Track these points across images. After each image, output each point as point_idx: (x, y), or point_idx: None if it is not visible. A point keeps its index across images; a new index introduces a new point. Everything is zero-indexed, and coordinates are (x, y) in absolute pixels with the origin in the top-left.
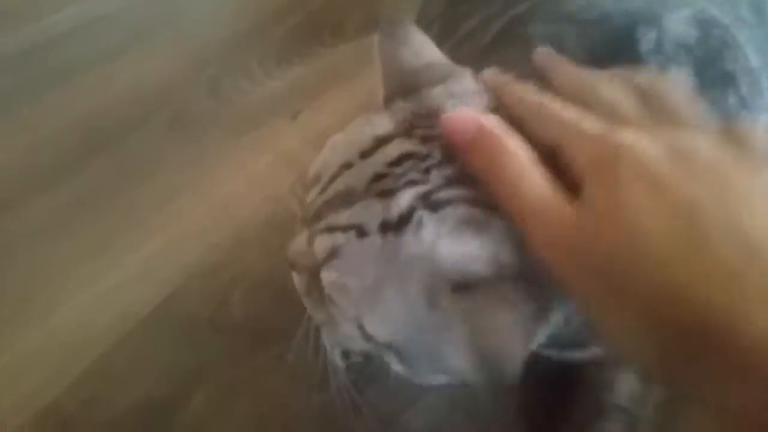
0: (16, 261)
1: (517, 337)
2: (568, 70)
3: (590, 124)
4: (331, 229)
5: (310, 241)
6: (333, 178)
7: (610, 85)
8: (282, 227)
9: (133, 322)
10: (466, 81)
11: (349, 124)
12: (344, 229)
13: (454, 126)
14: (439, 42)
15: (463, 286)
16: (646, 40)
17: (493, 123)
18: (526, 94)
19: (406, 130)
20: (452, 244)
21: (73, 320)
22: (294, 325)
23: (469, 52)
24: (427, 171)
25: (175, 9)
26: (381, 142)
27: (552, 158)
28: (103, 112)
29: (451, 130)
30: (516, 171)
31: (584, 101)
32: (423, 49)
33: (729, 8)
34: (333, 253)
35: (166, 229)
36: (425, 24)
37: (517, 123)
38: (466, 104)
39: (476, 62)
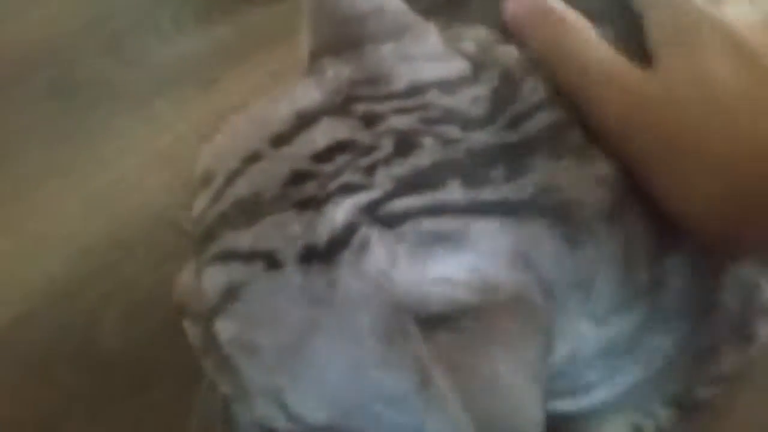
0: None
1: (526, 383)
2: None
3: None
4: (226, 257)
5: (198, 275)
6: (231, 179)
7: None
8: (177, 227)
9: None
10: (430, 39)
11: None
12: (247, 257)
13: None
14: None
15: (438, 321)
16: None
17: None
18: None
19: (341, 105)
20: (416, 268)
21: None
22: (184, 362)
23: None
24: (371, 170)
25: None
26: (303, 122)
27: None
28: None
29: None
30: (585, 43)
31: None
32: None
33: None
34: (231, 294)
35: (22, 226)
36: None
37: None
38: (426, 72)
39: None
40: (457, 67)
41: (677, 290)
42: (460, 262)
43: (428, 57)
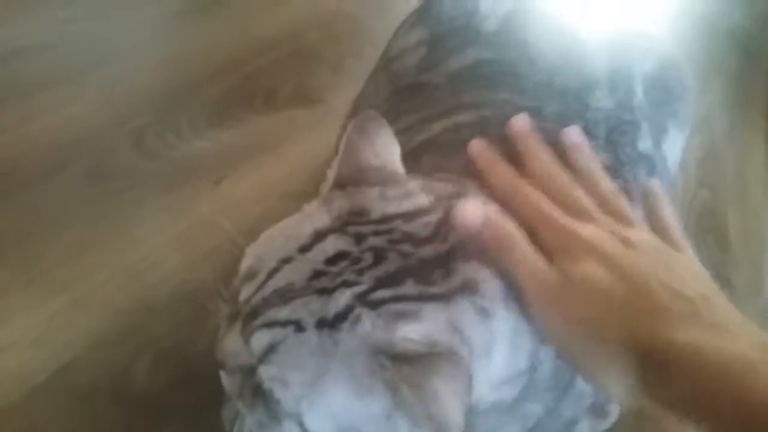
0: None
1: (455, 401)
2: (540, 157)
3: (559, 216)
4: (270, 325)
5: (247, 338)
6: (271, 274)
7: (573, 184)
8: (194, 297)
9: (27, 388)
10: (403, 187)
11: (285, 219)
12: (283, 324)
13: (464, 219)
14: None
15: (402, 359)
16: None
17: (496, 214)
18: (508, 177)
19: (341, 226)
20: (388, 333)
21: None
22: (200, 404)
23: (403, 145)
24: (360, 272)
25: (107, 51)
26: (318, 237)
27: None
28: (16, 153)
29: (462, 221)
30: (517, 249)
31: (553, 190)
32: (384, 151)
33: (629, 169)
34: (272, 348)
35: (71, 288)
36: (365, 107)
37: (500, 197)
38: (394, 208)
39: (409, 156)
40: (418, 202)
41: (547, 372)
42: (414, 329)
43: (401, 197)
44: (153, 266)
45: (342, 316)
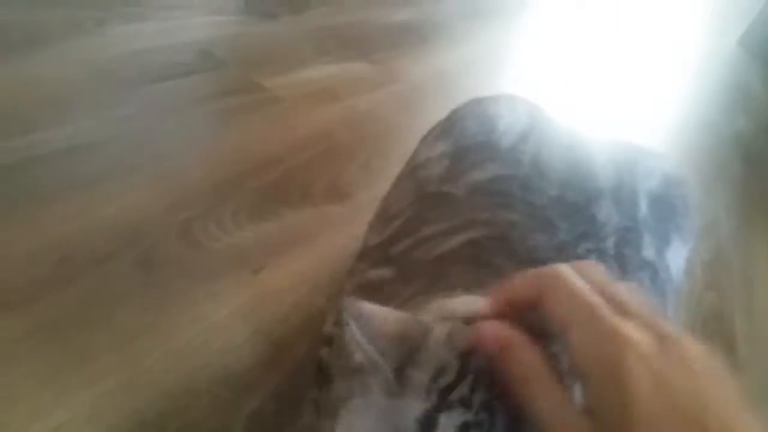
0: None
1: None
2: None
3: None
4: None
5: None
6: None
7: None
8: (233, 382)
9: None
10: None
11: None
12: None
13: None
14: (398, 237)
15: None
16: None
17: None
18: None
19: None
20: None
21: None
22: None
23: (426, 254)
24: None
25: (160, 150)
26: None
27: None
28: (75, 240)
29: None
30: (539, 386)
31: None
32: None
33: (633, 276)
34: None
35: (120, 371)
36: (389, 216)
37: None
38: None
39: (431, 266)
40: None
41: None
42: None
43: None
44: (196, 351)
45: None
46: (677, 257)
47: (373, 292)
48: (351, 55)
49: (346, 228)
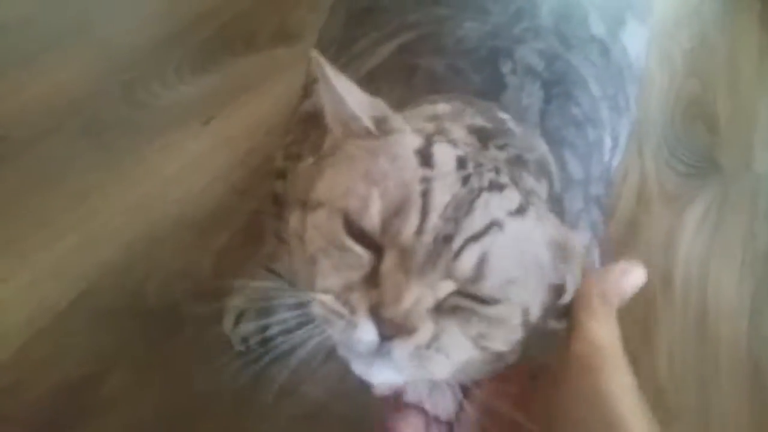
0: None
1: None
2: None
3: None
4: (475, 238)
5: (450, 265)
6: (426, 196)
7: None
8: (196, 225)
9: (51, 314)
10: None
11: (347, 163)
12: (485, 231)
13: None
14: (335, 59)
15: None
16: (505, 66)
17: None
18: None
19: (433, 139)
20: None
21: None
22: (208, 316)
23: (356, 71)
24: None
25: (88, 17)
26: (424, 153)
27: None
28: (14, 119)
29: None
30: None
31: None
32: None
33: (579, 51)
34: (483, 259)
35: (79, 229)
36: (325, 45)
37: None
38: None
39: (362, 83)
40: None
41: None
42: None
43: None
44: (153, 202)
45: (523, 207)
46: (635, 39)
47: (315, 119)
48: None
49: (296, 68)
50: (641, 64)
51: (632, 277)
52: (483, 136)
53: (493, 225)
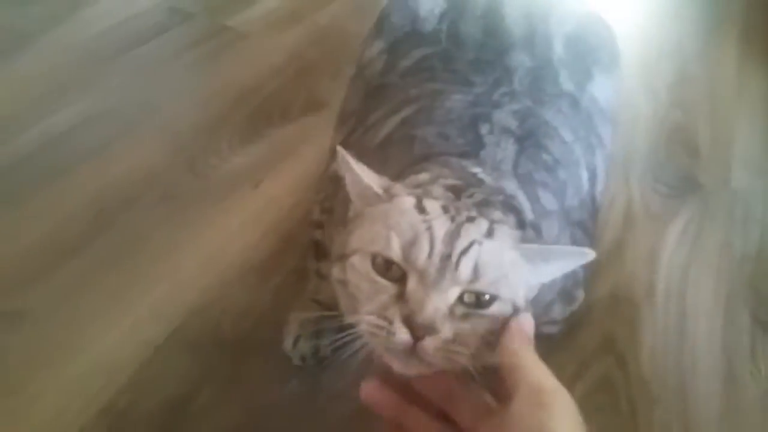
0: (59, 313)
1: None
2: None
3: None
4: (466, 250)
5: (453, 273)
6: (430, 227)
7: None
8: (257, 269)
9: (152, 348)
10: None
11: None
12: (478, 240)
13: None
14: (354, 129)
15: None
16: (484, 128)
17: None
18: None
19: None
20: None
21: (108, 352)
22: (270, 340)
23: (372, 139)
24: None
25: (153, 105)
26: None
27: None
28: (105, 195)
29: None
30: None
31: None
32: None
33: (550, 106)
34: (477, 266)
35: (167, 279)
36: (346, 116)
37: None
38: None
39: (377, 150)
40: None
41: None
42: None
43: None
44: (221, 254)
45: (491, 230)
46: (603, 88)
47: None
48: None
49: (325, 132)
50: (612, 106)
51: (529, 325)
52: (456, 191)
53: (474, 242)
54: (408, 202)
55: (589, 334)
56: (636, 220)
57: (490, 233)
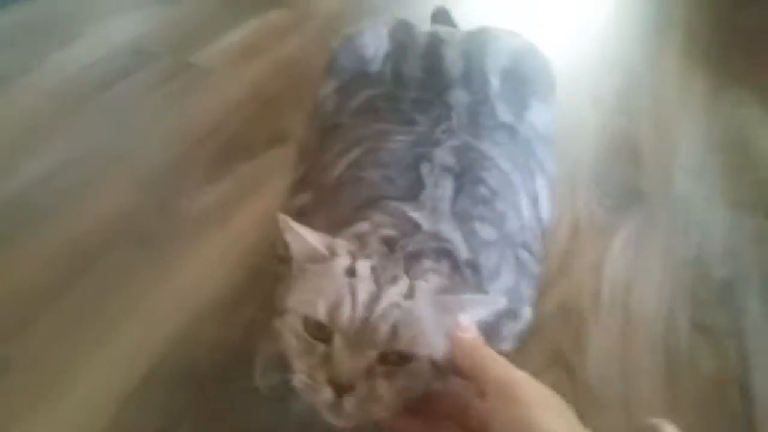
0: (40, 360)
1: None
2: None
3: None
4: (388, 311)
5: (372, 334)
6: (354, 291)
7: None
8: (228, 305)
9: (132, 387)
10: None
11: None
12: (397, 303)
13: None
14: (312, 166)
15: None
16: (424, 168)
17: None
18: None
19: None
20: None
21: (89, 394)
22: (244, 373)
23: (327, 177)
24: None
25: (121, 149)
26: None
27: None
28: (80, 240)
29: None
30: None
31: None
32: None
33: (487, 138)
34: (395, 326)
35: (144, 320)
36: (304, 154)
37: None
38: None
39: (329, 193)
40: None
41: None
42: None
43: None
44: (194, 290)
45: (411, 290)
46: (541, 115)
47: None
48: (265, 3)
49: (290, 164)
50: (551, 129)
51: (468, 325)
52: (391, 243)
53: (393, 306)
54: (340, 265)
55: (540, 347)
56: (582, 233)
57: (410, 293)
